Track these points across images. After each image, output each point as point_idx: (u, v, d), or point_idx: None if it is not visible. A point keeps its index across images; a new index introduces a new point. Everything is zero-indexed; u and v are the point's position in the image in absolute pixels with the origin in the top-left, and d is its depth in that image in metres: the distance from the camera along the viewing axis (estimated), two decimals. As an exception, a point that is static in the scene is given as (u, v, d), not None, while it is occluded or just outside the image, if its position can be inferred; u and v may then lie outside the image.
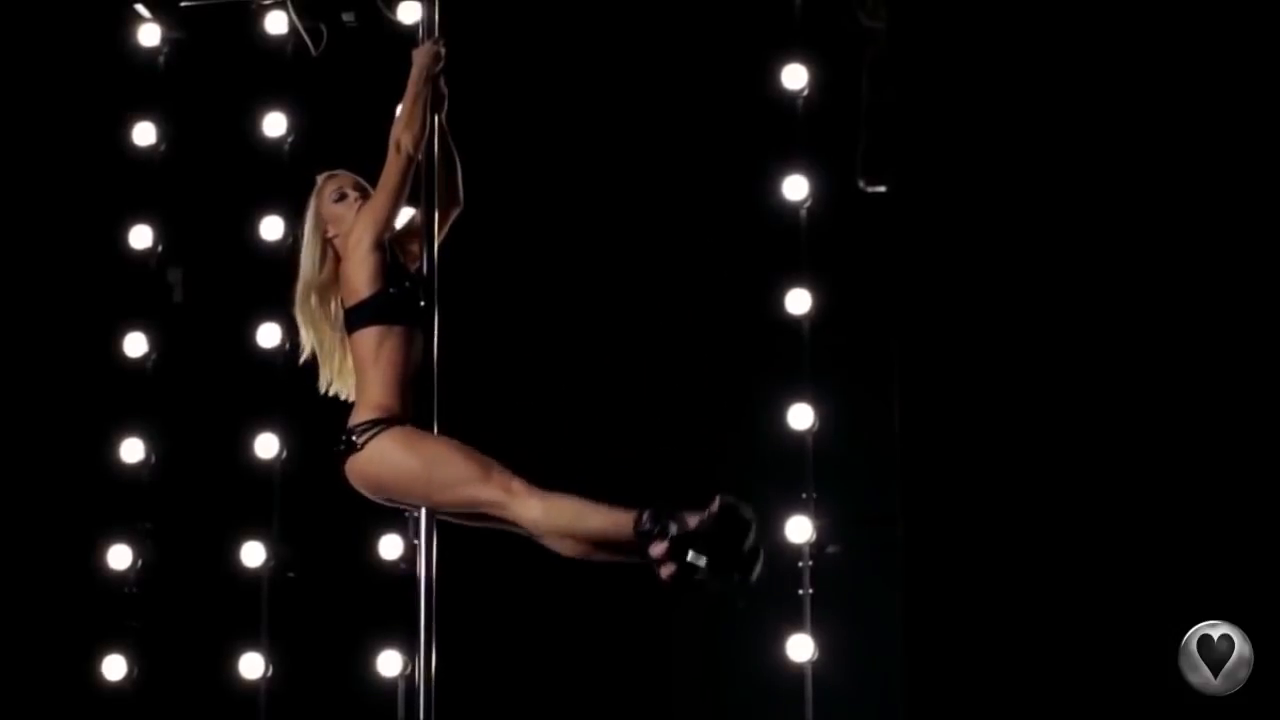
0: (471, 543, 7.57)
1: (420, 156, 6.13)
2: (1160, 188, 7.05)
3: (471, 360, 7.57)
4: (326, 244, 6.19)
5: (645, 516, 5.76)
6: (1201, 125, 7.03)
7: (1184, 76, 7.04)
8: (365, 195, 6.19)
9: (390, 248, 6.17)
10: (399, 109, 6.16)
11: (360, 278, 6.07)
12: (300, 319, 6.24)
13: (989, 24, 7.21)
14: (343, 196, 6.23)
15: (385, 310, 6.07)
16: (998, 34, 7.19)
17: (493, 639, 7.81)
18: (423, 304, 6.14)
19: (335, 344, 6.21)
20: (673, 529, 5.71)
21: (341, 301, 6.15)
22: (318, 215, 6.23)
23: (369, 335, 6.06)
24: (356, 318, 6.09)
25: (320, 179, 6.32)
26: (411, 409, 6.07)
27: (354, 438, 6.00)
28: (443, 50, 6.18)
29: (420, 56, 6.16)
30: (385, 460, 5.98)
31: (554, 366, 8.00)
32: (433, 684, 6.00)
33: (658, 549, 5.72)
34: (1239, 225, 6.99)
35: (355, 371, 6.11)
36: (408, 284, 6.13)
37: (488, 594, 7.79)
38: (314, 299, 6.18)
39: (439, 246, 6.23)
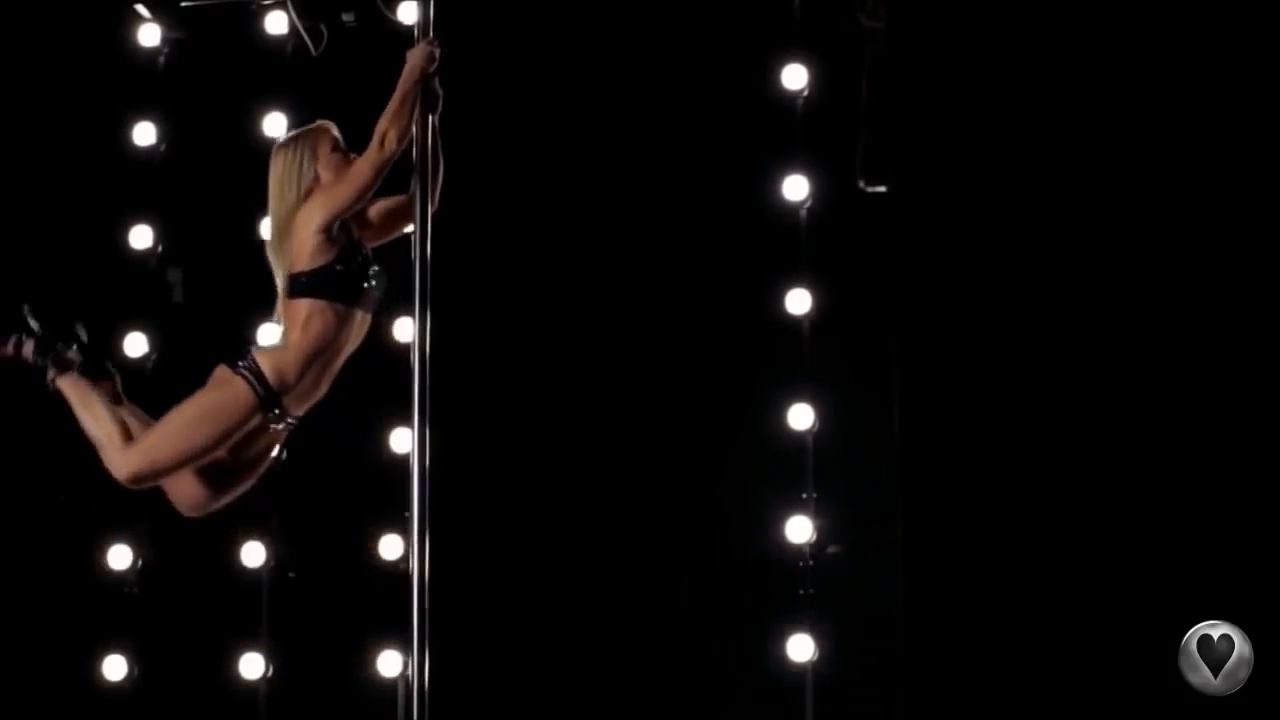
0: (472, 543, 7.59)
1: (399, 154, 6.11)
2: (1160, 186, 7.04)
3: (472, 359, 7.59)
4: (314, 185, 6.17)
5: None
6: (1202, 124, 7.02)
7: (1184, 75, 7.03)
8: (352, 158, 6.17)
9: (348, 224, 6.15)
10: (388, 105, 6.13)
11: (303, 250, 6.07)
12: (272, 258, 6.21)
13: (988, 24, 7.20)
14: (336, 148, 6.23)
15: (326, 286, 6.07)
16: (997, 34, 7.19)
17: (492, 639, 7.82)
18: (367, 285, 6.12)
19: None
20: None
21: (289, 263, 6.15)
22: (314, 154, 6.19)
23: (303, 305, 6.08)
24: (295, 286, 6.09)
25: (322, 123, 6.29)
26: (313, 390, 6.12)
27: (240, 362, 6.08)
28: (437, 52, 6.16)
29: (414, 57, 6.14)
30: (213, 388, 6.11)
31: (555, 366, 8.00)
32: (426, 684, 6.00)
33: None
34: (1239, 224, 6.98)
35: (285, 327, 6.12)
36: (357, 261, 6.12)
37: (488, 594, 7.80)
38: (280, 236, 6.16)
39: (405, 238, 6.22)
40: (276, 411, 6.10)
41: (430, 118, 6.16)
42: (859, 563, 7.68)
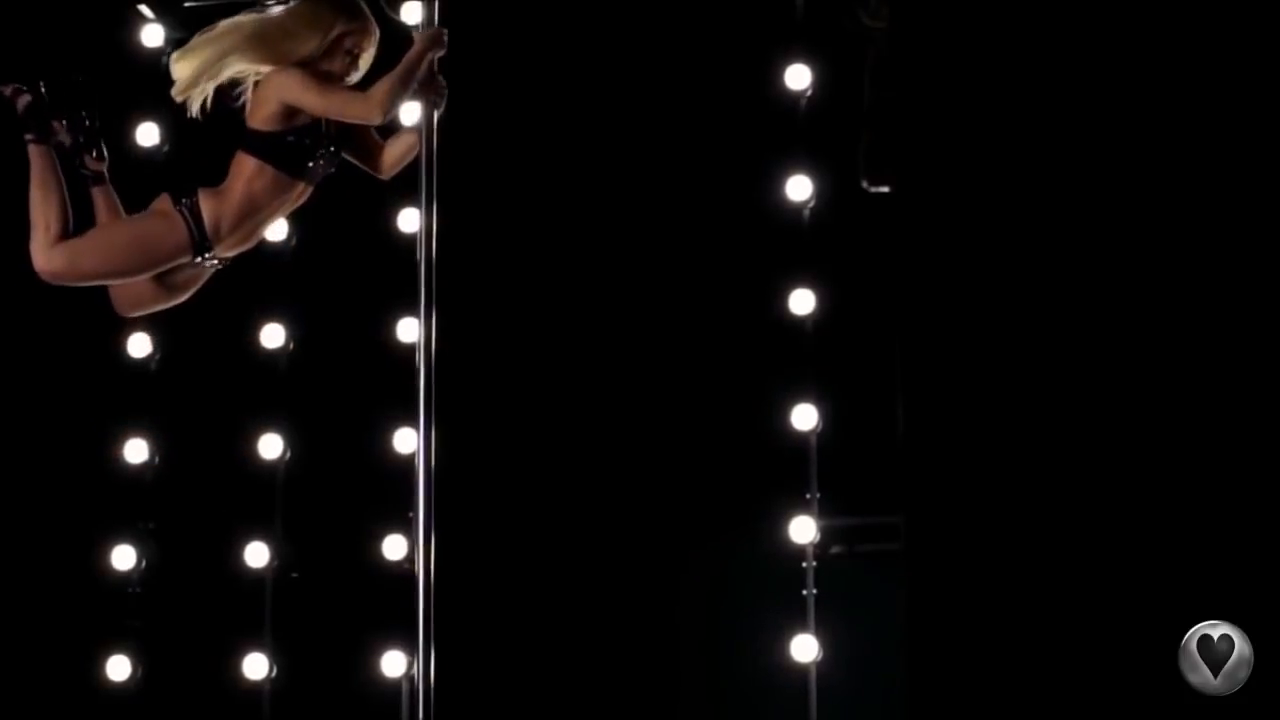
0: (476, 543, 7.60)
1: (374, 124, 6.10)
2: (1164, 186, 7.04)
3: (476, 359, 7.59)
4: (307, 63, 6.12)
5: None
6: (1204, 123, 7.02)
7: (1186, 74, 7.03)
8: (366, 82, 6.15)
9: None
10: (390, 73, 6.06)
11: (264, 109, 6.12)
12: (218, 41, 6.21)
13: (992, 24, 7.20)
14: (351, 53, 6.21)
15: (273, 152, 6.13)
16: (1000, 34, 7.19)
17: (496, 639, 7.82)
18: (312, 165, 6.13)
19: (208, 77, 6.23)
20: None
21: (246, 114, 6.18)
22: (340, 39, 6.14)
23: (249, 163, 6.16)
24: (248, 141, 6.17)
25: (374, 32, 6.24)
26: (245, 240, 6.21)
27: (184, 199, 6.18)
28: (445, 38, 6.14)
29: (422, 40, 6.10)
30: (153, 217, 6.21)
31: (559, 366, 8.00)
32: (431, 685, 6.00)
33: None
34: (1241, 224, 6.98)
35: (228, 176, 6.20)
36: (309, 139, 6.14)
37: (492, 594, 7.81)
38: (243, 53, 6.15)
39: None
40: (207, 255, 6.21)
41: (436, 112, 6.15)
42: (862, 563, 7.69)
